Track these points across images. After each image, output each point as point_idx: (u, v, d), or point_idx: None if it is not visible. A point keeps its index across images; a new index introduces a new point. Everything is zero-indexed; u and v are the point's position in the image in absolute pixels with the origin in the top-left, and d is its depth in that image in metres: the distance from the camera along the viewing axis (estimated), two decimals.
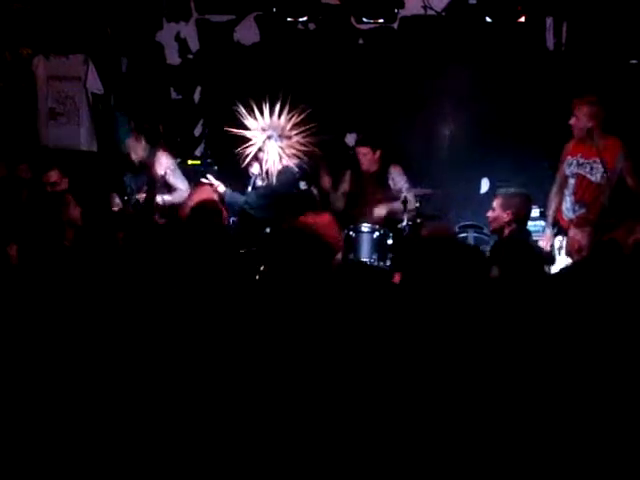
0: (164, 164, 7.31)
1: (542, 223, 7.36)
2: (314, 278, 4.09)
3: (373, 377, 3.63)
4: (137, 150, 7.38)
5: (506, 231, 6.25)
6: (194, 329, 3.94)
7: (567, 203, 6.75)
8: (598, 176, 6.61)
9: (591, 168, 6.64)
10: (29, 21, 9.03)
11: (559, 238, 6.60)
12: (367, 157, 7.65)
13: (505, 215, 6.23)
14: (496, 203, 6.33)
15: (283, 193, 6.57)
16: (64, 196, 6.15)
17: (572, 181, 6.73)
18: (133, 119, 8.42)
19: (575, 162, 6.72)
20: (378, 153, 7.64)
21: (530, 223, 7.87)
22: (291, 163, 6.70)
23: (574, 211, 6.73)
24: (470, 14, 8.45)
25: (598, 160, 6.54)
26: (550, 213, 6.96)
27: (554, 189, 6.95)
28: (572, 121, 6.69)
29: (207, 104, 9.34)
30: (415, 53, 8.73)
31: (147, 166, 7.33)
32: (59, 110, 9.40)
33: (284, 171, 6.61)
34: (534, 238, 7.52)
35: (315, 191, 6.68)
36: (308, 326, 3.80)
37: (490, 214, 6.36)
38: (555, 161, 7.05)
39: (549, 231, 6.88)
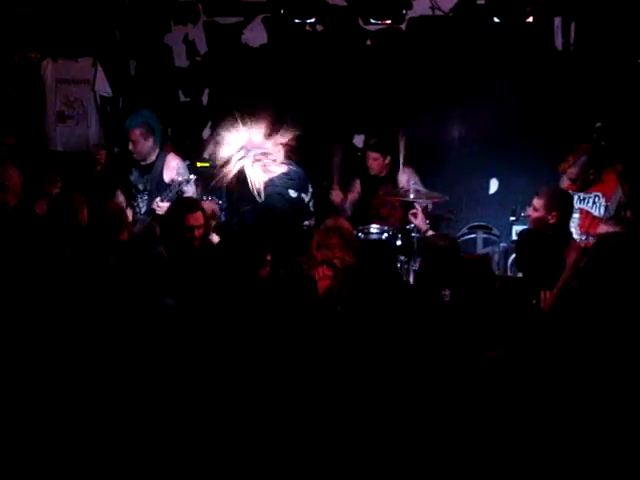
0: (174, 168, 7.23)
1: None
2: None
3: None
4: (138, 143, 7.16)
5: (550, 233, 5.72)
6: (194, 328, 3.95)
7: (573, 234, 6.60)
8: (601, 210, 6.64)
9: (593, 202, 6.67)
10: (37, 25, 9.06)
11: None
12: (377, 162, 7.64)
13: (550, 217, 5.83)
14: (538, 203, 5.93)
15: (273, 206, 6.40)
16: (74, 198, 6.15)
17: (576, 215, 6.63)
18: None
19: (576, 197, 6.66)
20: (388, 159, 7.63)
21: None
22: (274, 173, 6.49)
23: (581, 240, 6.55)
24: (478, 15, 8.42)
25: (600, 194, 6.61)
26: None
27: None
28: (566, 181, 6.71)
29: (215, 106, 9.35)
30: (423, 54, 8.72)
31: (154, 168, 7.26)
32: (68, 113, 9.42)
33: (269, 184, 6.44)
34: None
35: (306, 198, 6.56)
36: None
37: (532, 214, 5.97)
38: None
39: None
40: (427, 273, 5.16)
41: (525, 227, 7.46)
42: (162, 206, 6.80)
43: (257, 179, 6.19)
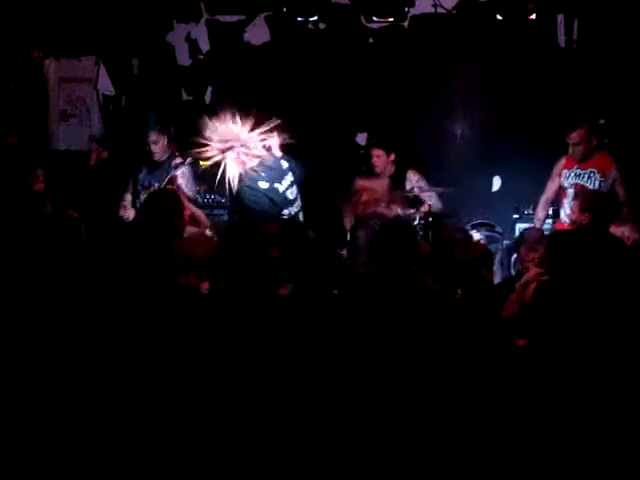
0: (179, 161, 7.31)
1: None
2: None
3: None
4: (159, 143, 7.41)
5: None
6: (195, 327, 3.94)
7: (566, 209, 6.82)
8: (596, 184, 6.87)
9: (588, 177, 6.90)
10: (40, 23, 9.05)
11: None
12: (381, 159, 7.61)
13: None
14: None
15: (245, 199, 6.39)
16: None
17: (571, 190, 6.92)
18: (161, 117, 8.41)
19: (573, 174, 6.97)
20: (392, 156, 7.61)
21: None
22: (248, 167, 6.46)
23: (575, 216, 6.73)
24: (481, 12, 8.42)
25: (595, 170, 6.84)
26: (538, 222, 7.17)
27: (543, 201, 7.19)
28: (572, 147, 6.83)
29: (218, 105, 9.33)
30: (426, 52, 8.72)
31: (162, 167, 7.34)
32: (71, 112, 9.42)
33: (240, 178, 6.42)
34: None
35: (281, 187, 6.52)
36: None
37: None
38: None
39: None
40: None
41: (529, 225, 7.50)
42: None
43: (232, 175, 6.21)
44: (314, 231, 6.15)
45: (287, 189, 6.47)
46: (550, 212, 7.50)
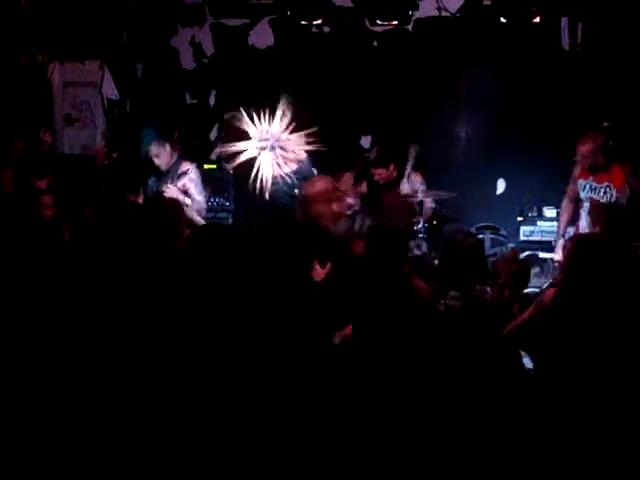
0: (184, 170, 7.33)
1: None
2: None
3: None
4: (160, 155, 7.43)
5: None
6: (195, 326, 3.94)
7: (584, 222, 6.74)
8: (612, 200, 6.63)
9: (604, 192, 6.67)
10: (44, 28, 9.07)
11: None
12: (382, 175, 7.50)
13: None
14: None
15: (280, 203, 6.38)
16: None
17: (586, 204, 6.74)
18: (159, 126, 8.42)
19: (588, 186, 6.74)
20: (392, 167, 7.52)
21: (545, 224, 7.91)
22: (285, 171, 6.49)
23: (592, 228, 6.66)
24: (485, 15, 8.42)
25: (611, 185, 6.61)
26: (562, 225, 7.00)
27: (565, 202, 6.99)
28: (579, 158, 6.73)
29: (222, 108, 9.35)
30: (430, 55, 8.72)
31: (169, 173, 7.39)
32: (75, 116, 9.46)
33: (276, 181, 6.41)
34: (548, 239, 7.53)
35: None
36: None
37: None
38: (570, 161, 7.04)
39: (561, 242, 6.87)
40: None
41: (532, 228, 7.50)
42: (170, 188, 7.05)
43: (267, 174, 6.18)
44: None
45: None
46: None
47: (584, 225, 6.75)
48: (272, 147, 6.21)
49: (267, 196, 6.24)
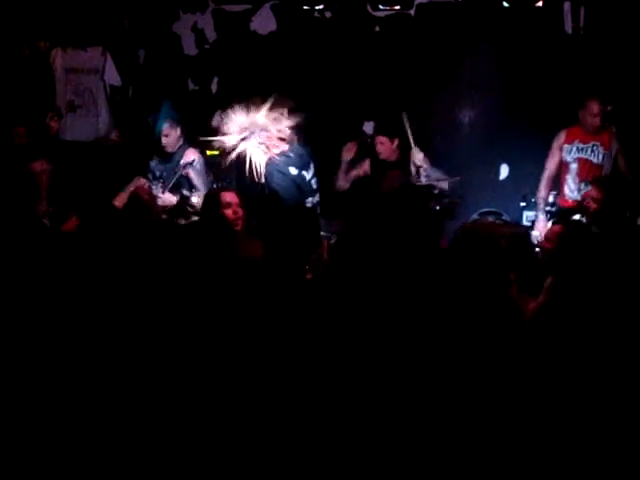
0: (189, 160, 7.36)
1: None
2: None
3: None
4: (170, 135, 7.46)
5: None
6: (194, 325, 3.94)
7: (570, 185, 6.91)
8: (600, 157, 6.98)
9: (592, 151, 6.98)
10: (46, 14, 9.06)
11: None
12: (385, 146, 7.62)
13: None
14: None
15: (274, 183, 6.36)
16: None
17: (574, 165, 7.04)
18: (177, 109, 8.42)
19: (575, 148, 7.05)
20: (396, 142, 7.61)
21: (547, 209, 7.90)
22: (275, 152, 6.45)
23: (579, 190, 7.01)
24: None
25: (598, 143, 6.94)
26: (541, 200, 7.09)
27: (545, 177, 7.26)
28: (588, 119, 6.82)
29: (224, 94, 9.34)
30: (432, 40, 8.70)
31: (173, 158, 7.42)
32: (77, 102, 9.43)
33: (268, 162, 6.40)
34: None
35: (307, 175, 6.51)
36: None
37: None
38: None
39: (542, 217, 6.98)
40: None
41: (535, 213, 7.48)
42: (163, 197, 7.09)
43: (258, 161, 6.19)
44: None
45: (312, 178, 6.50)
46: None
47: (572, 188, 6.86)
48: (252, 132, 6.21)
49: (263, 179, 6.24)
